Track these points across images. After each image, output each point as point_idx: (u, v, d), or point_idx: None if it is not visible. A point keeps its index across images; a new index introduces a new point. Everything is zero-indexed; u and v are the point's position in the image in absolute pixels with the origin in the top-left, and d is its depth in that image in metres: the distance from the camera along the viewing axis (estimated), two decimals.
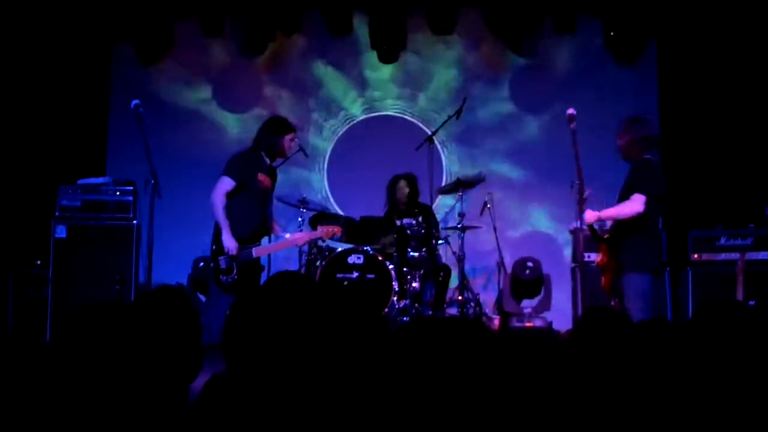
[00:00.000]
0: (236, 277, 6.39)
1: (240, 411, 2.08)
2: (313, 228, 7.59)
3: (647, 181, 5.95)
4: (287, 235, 6.76)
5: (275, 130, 6.69)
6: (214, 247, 6.44)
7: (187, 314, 2.54)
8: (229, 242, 6.34)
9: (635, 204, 5.88)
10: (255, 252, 6.49)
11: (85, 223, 7.69)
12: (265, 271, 6.85)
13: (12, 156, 8.79)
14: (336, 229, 6.99)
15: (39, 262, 7.98)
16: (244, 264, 6.42)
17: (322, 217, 8.15)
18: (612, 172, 9.17)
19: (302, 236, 6.89)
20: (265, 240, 6.74)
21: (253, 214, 6.50)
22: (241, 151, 6.66)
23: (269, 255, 7.67)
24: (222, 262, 6.39)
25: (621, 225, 6.02)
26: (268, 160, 6.63)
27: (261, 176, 6.51)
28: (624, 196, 6.01)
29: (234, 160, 6.53)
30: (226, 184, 6.41)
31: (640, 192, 5.89)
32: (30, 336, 7.69)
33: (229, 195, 6.42)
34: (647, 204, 5.86)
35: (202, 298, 8.33)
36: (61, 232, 7.66)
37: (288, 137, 6.67)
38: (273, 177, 6.70)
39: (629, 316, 3.35)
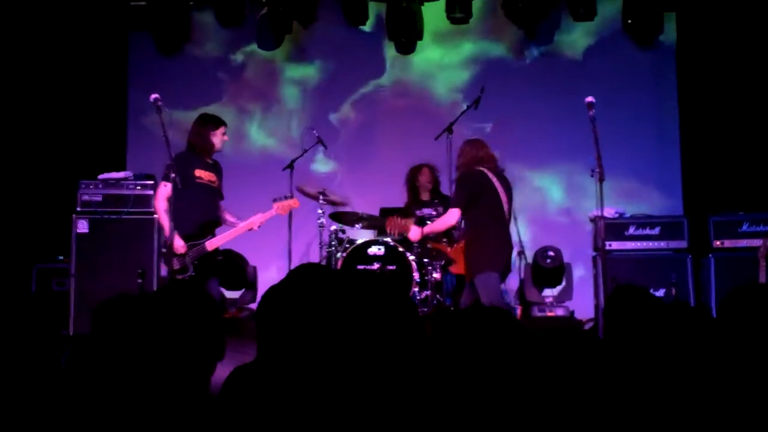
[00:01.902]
0: (193, 273, 6.53)
1: (266, 400, 2.08)
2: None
3: (460, 194, 6.61)
4: (241, 224, 6.78)
5: (202, 125, 6.77)
6: (164, 250, 6.58)
7: (205, 305, 2.55)
8: (175, 242, 6.44)
9: (449, 217, 6.64)
10: (208, 245, 6.59)
11: (107, 217, 7.73)
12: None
13: (33, 152, 8.85)
14: (292, 203, 6.93)
15: (61, 257, 8.03)
16: (199, 259, 6.56)
17: (340, 215, 8.17)
18: (632, 159, 9.19)
19: (257, 218, 6.77)
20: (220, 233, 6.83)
21: (197, 210, 6.61)
22: (177, 153, 6.65)
23: (289, 248, 7.71)
24: (175, 263, 6.50)
25: (466, 234, 6.66)
26: (206, 157, 6.73)
27: (198, 172, 6.63)
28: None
29: (168, 164, 6.57)
30: (163, 188, 6.56)
31: (453, 206, 6.62)
32: (52, 331, 7.74)
33: (174, 196, 6.49)
34: (464, 214, 6.58)
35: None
36: (82, 226, 7.70)
37: (218, 131, 6.75)
38: (216, 171, 6.79)
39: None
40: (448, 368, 2.11)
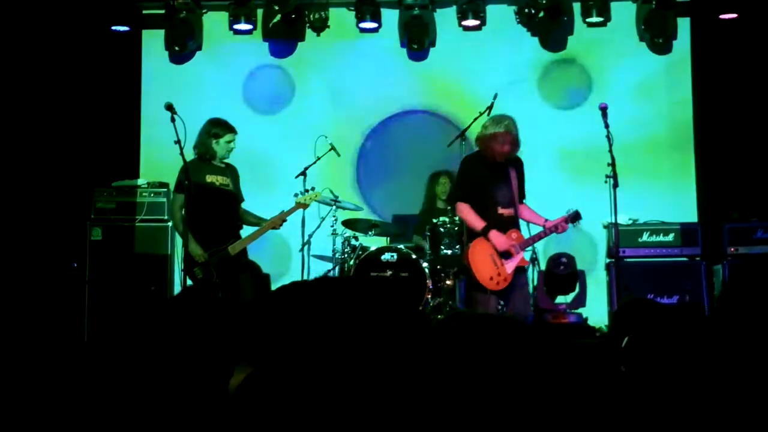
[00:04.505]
0: (217, 281, 6.49)
1: (279, 406, 2.08)
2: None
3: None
4: (264, 224, 6.76)
5: (206, 132, 6.76)
6: (183, 265, 6.54)
7: (215, 312, 2.57)
8: (195, 249, 6.46)
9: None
10: (231, 249, 6.57)
11: (120, 224, 7.75)
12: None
13: (48, 159, 8.89)
14: (314, 195, 6.92)
15: (75, 264, 8.05)
16: (222, 265, 6.53)
17: (353, 222, 8.17)
18: (646, 165, 9.17)
19: (278, 217, 6.75)
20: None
21: (214, 216, 6.61)
22: (190, 160, 6.69)
23: (303, 255, 7.70)
24: (197, 274, 6.50)
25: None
26: (214, 162, 6.74)
27: (210, 178, 6.66)
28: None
29: (178, 174, 6.61)
30: (177, 199, 6.61)
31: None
32: (67, 337, 7.76)
33: (189, 205, 6.49)
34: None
35: None
36: (96, 234, 7.74)
37: (222, 139, 6.71)
38: (229, 175, 6.79)
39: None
40: (457, 374, 2.11)
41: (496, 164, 6.44)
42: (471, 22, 9.26)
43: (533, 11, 9.04)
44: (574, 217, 6.47)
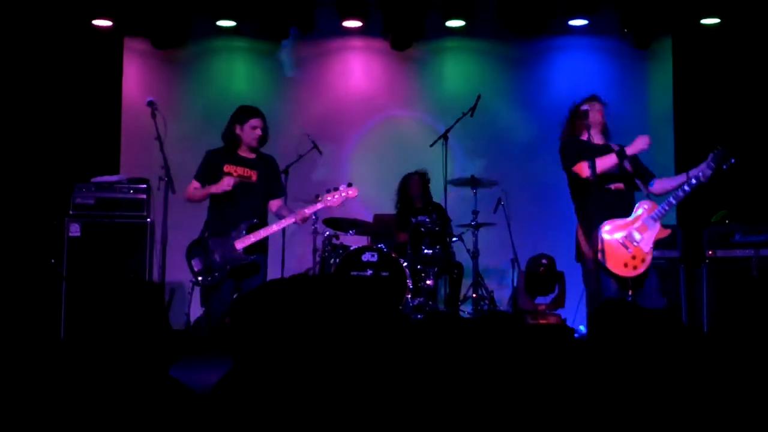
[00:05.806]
0: (218, 276, 6.15)
1: (252, 407, 2.07)
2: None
3: None
4: (277, 222, 6.30)
5: (231, 119, 6.42)
6: (186, 252, 6.27)
7: (152, 306, 2.56)
8: (224, 183, 6.19)
9: None
10: (237, 244, 6.15)
11: (99, 221, 7.70)
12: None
13: (27, 155, 8.83)
14: (349, 192, 6.33)
15: (53, 260, 7.99)
16: (227, 260, 6.16)
17: (334, 220, 8.15)
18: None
19: (301, 212, 6.26)
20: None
21: (231, 208, 6.25)
22: (211, 149, 6.47)
23: (283, 254, 7.67)
24: (195, 265, 6.21)
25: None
26: (239, 151, 6.39)
27: (229, 168, 6.28)
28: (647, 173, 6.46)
29: (202, 160, 6.41)
30: (191, 185, 6.32)
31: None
32: (44, 334, 7.71)
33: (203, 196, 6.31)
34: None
35: None
36: (75, 230, 7.67)
37: (246, 125, 6.32)
38: (255, 166, 6.41)
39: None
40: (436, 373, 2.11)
41: (596, 144, 6.17)
42: (456, 22, 9.28)
43: (517, 12, 9.07)
44: (721, 157, 5.95)
